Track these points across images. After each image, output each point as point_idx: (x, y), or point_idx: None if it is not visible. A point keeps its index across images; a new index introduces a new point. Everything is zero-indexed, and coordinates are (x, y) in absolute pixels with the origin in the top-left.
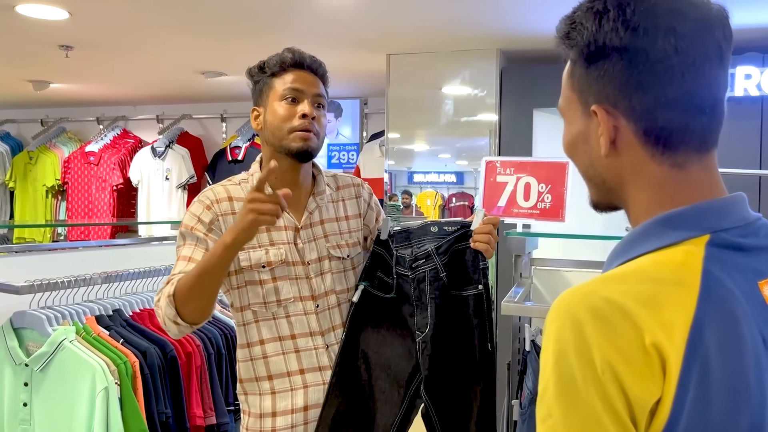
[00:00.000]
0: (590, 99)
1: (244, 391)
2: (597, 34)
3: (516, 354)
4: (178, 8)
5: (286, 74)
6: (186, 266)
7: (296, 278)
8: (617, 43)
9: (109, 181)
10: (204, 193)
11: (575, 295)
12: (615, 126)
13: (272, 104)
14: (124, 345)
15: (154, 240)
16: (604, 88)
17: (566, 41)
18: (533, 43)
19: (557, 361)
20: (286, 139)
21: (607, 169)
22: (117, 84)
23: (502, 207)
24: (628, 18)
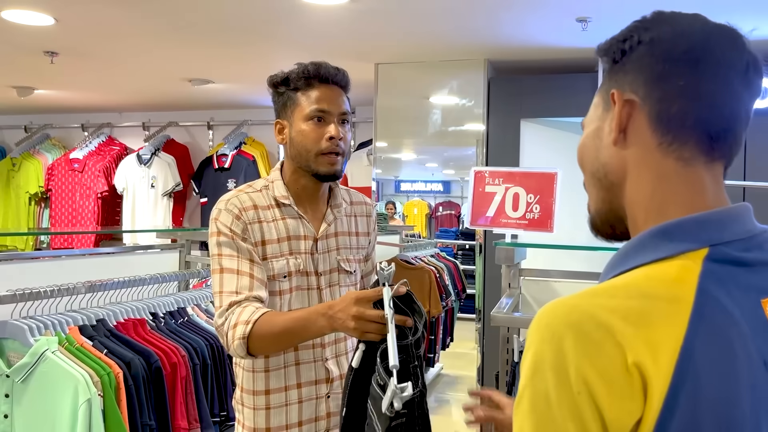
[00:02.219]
0: (611, 88)
1: (241, 402)
2: (631, 31)
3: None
4: (166, 16)
5: (311, 90)
6: (239, 281)
7: (308, 288)
8: (646, 37)
9: (94, 188)
10: (229, 201)
11: (559, 308)
12: (629, 113)
13: (298, 122)
14: (107, 356)
15: (139, 248)
16: (626, 76)
17: (607, 51)
18: (521, 54)
19: (533, 375)
20: (314, 162)
21: (611, 159)
22: (103, 91)
23: (490, 217)
24: (664, 19)
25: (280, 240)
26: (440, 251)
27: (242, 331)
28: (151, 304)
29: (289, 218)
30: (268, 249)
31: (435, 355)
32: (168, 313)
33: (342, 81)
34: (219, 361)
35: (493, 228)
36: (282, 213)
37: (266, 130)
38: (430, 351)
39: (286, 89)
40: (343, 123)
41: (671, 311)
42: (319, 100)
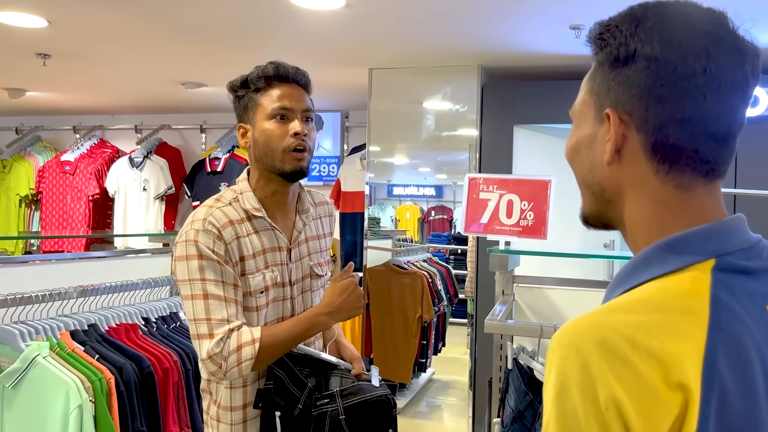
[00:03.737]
0: (606, 103)
1: (217, 418)
2: (630, 38)
3: (498, 372)
4: (159, 19)
5: (271, 89)
6: (228, 308)
7: (282, 299)
8: (648, 51)
9: (85, 191)
10: (206, 220)
11: (580, 325)
12: (624, 134)
13: (261, 122)
14: (99, 361)
15: (131, 252)
16: (623, 94)
17: (597, 41)
18: (514, 60)
19: (558, 396)
20: (280, 161)
21: (607, 178)
22: (95, 93)
23: (484, 224)
24: (666, 28)
25: (256, 255)
26: (432, 256)
27: (251, 351)
28: (143, 308)
29: (262, 230)
30: (246, 265)
31: (427, 360)
32: (160, 318)
33: (302, 80)
34: None
35: (486, 235)
36: (254, 226)
37: None
38: (422, 356)
39: (247, 92)
40: (306, 120)
41: (690, 323)
42: (281, 98)
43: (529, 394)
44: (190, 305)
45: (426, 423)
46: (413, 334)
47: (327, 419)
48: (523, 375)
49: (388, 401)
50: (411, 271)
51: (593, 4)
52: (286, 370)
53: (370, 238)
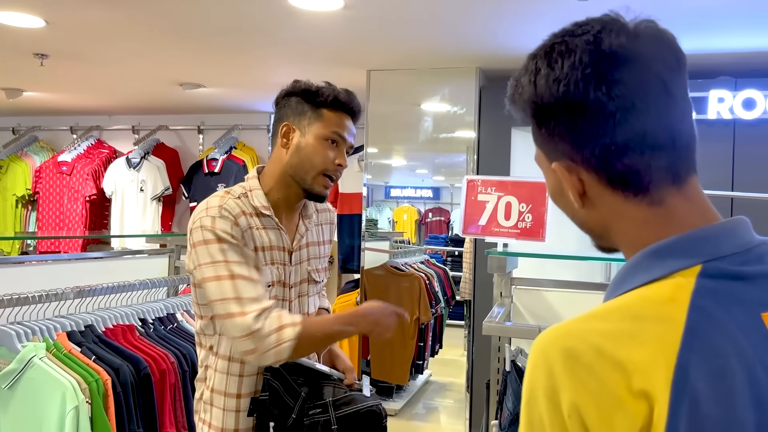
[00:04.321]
0: (551, 156)
1: (210, 402)
2: (534, 94)
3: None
4: (158, 20)
5: (335, 113)
6: (256, 288)
7: (282, 299)
8: (553, 101)
9: (82, 191)
10: (221, 207)
11: (554, 333)
12: (579, 179)
13: (311, 136)
14: (96, 362)
15: (128, 253)
16: (557, 145)
17: (513, 105)
18: (512, 63)
19: (528, 403)
20: (311, 179)
21: (588, 220)
22: (92, 93)
23: (482, 226)
24: (557, 74)
25: (264, 248)
26: (430, 258)
27: (292, 332)
28: (140, 309)
29: (269, 228)
30: (259, 256)
31: (424, 362)
32: (157, 319)
33: (359, 117)
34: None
35: (485, 237)
36: (262, 222)
37: (257, 135)
38: (419, 358)
39: (312, 100)
40: (347, 154)
41: (662, 331)
42: (341, 126)
43: None
44: (215, 286)
45: (423, 425)
46: (410, 336)
47: (319, 428)
48: (521, 377)
49: (379, 412)
50: (408, 272)
51: (590, 7)
52: (281, 380)
53: (367, 240)
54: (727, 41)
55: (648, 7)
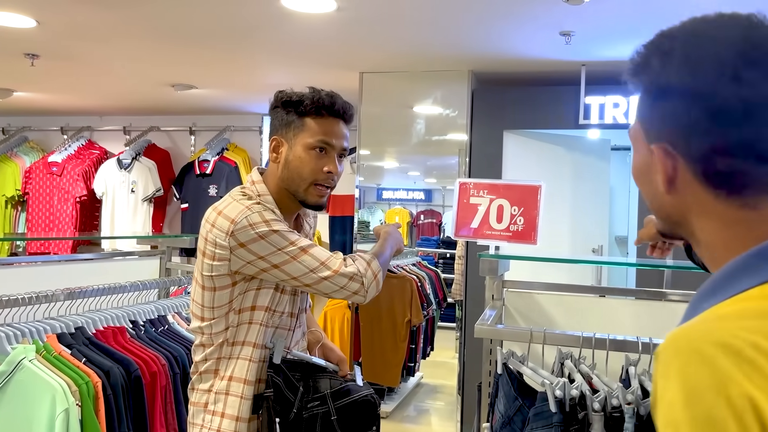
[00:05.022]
0: (652, 135)
1: (226, 391)
2: (662, 74)
3: (488, 376)
4: (150, 21)
5: (320, 119)
6: (325, 251)
7: (292, 294)
8: (679, 85)
9: (72, 192)
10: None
11: (692, 333)
12: (673, 166)
13: (298, 147)
14: (86, 364)
15: (119, 255)
16: (664, 128)
17: (633, 78)
18: (504, 66)
19: (688, 402)
20: (304, 191)
21: (668, 205)
22: (83, 94)
23: (474, 228)
24: (693, 60)
25: None
26: (421, 260)
27: (377, 265)
28: (131, 311)
29: None
30: None
31: (415, 365)
32: (148, 321)
33: (350, 117)
34: None
35: (477, 240)
36: None
37: (249, 137)
38: (411, 360)
39: (294, 110)
40: (340, 157)
41: None
42: (326, 133)
43: (518, 399)
44: (293, 265)
45: (414, 427)
46: (402, 338)
47: (318, 420)
48: (512, 380)
49: (373, 401)
50: (400, 275)
51: (583, 11)
52: (282, 375)
53: (359, 242)
54: None
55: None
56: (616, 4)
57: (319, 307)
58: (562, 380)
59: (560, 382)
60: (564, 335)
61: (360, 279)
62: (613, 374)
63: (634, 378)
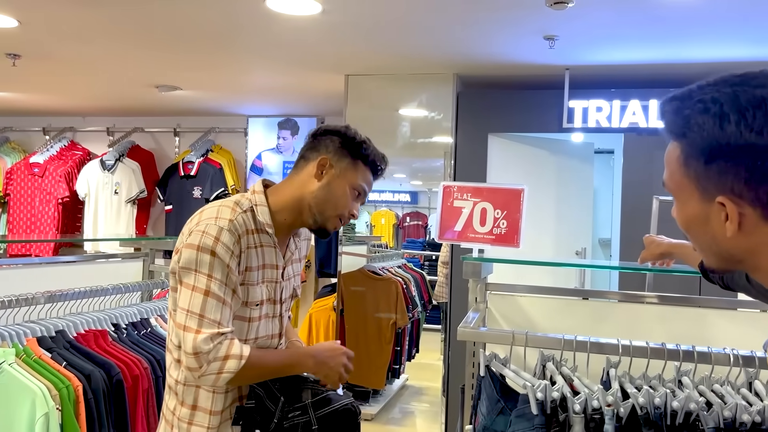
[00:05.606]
0: (710, 189)
1: (190, 420)
2: (720, 135)
3: (471, 379)
4: (134, 22)
5: (368, 170)
6: (224, 312)
7: (273, 316)
8: (742, 143)
9: (54, 193)
10: (233, 220)
11: None
12: (740, 213)
13: (342, 181)
14: (67, 368)
15: (101, 257)
16: (727, 182)
17: (682, 138)
18: (489, 70)
19: None
20: (326, 219)
21: (733, 247)
22: (66, 94)
23: (458, 231)
24: (749, 122)
25: (257, 267)
26: (407, 262)
27: (236, 365)
28: (113, 314)
29: (266, 246)
30: (250, 276)
31: (400, 367)
32: (130, 324)
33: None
34: None
35: (460, 242)
36: (261, 240)
37: (234, 138)
38: (396, 362)
39: (353, 149)
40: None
41: None
42: (369, 183)
43: (501, 401)
44: (188, 295)
45: (399, 429)
46: (387, 340)
47: (299, 430)
48: (495, 382)
49: (354, 410)
50: (385, 277)
51: (567, 16)
52: (264, 386)
53: (345, 244)
54: (698, 52)
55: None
56: (599, 10)
57: (304, 308)
58: (544, 382)
59: (542, 385)
60: (546, 338)
61: (202, 361)
62: (594, 376)
63: (615, 380)
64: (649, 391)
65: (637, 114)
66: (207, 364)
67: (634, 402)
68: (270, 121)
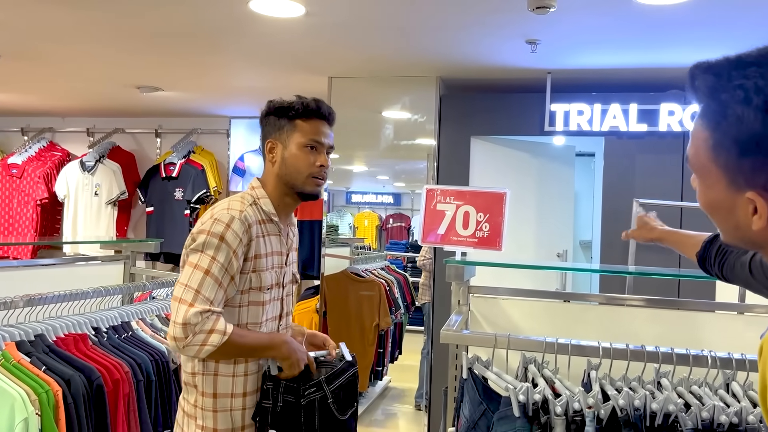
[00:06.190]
0: (741, 182)
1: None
2: (760, 129)
3: (453, 381)
4: (114, 21)
5: (308, 122)
6: (218, 293)
7: (277, 299)
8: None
9: (33, 195)
10: (242, 211)
11: None
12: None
13: (292, 147)
14: (46, 373)
15: (81, 260)
16: (761, 178)
17: (716, 126)
18: (472, 73)
19: None
20: (302, 183)
21: (756, 236)
22: (45, 94)
23: (441, 234)
24: None
25: (267, 255)
26: (390, 264)
27: (218, 340)
28: (94, 318)
29: (272, 234)
30: (260, 262)
31: (383, 368)
32: (111, 328)
33: (333, 119)
34: (164, 377)
35: (443, 245)
36: (268, 229)
37: (216, 140)
38: (379, 364)
39: (286, 115)
40: (327, 153)
41: None
42: (315, 132)
43: (483, 404)
44: (189, 272)
45: (382, 431)
46: (370, 342)
47: (316, 405)
48: (477, 384)
49: (355, 374)
50: (368, 279)
51: (549, 20)
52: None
53: (328, 246)
54: (678, 56)
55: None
56: (580, 15)
57: None
58: (526, 385)
59: (523, 387)
60: (527, 340)
61: (189, 332)
62: (576, 378)
63: (596, 382)
64: (629, 393)
65: (618, 117)
66: (192, 336)
67: (614, 404)
68: (253, 123)
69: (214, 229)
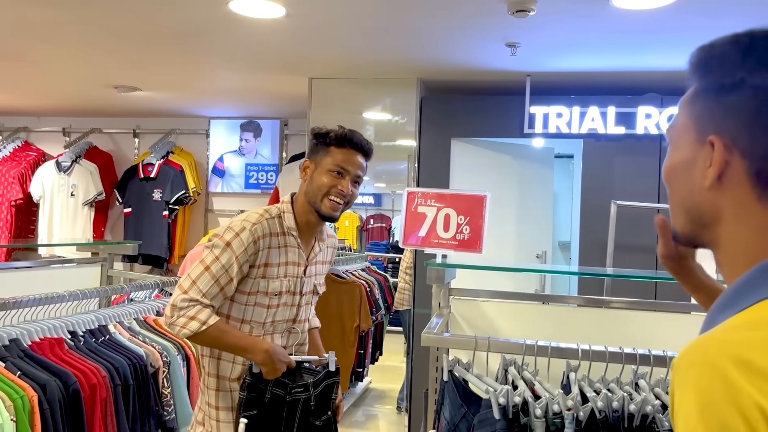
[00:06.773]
0: (709, 128)
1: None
2: (739, 67)
3: (434, 383)
4: (93, 21)
5: (341, 149)
6: (212, 288)
7: (292, 305)
8: (758, 81)
9: (7, 196)
10: (256, 223)
11: (708, 344)
12: (727, 161)
13: (322, 168)
14: (21, 378)
15: (57, 262)
16: (728, 121)
17: (700, 69)
18: (452, 75)
19: (703, 411)
20: (319, 203)
21: (705, 202)
22: (20, 93)
23: (422, 237)
24: None
25: (280, 264)
26: (371, 264)
27: (196, 327)
28: (70, 321)
29: (290, 247)
30: (269, 270)
31: (364, 369)
32: (88, 332)
33: (368, 151)
34: (142, 381)
35: (424, 248)
36: (286, 241)
37: (195, 140)
38: (359, 365)
39: (323, 140)
40: (355, 183)
41: None
42: (344, 161)
43: (463, 406)
44: (196, 265)
45: None
46: (351, 343)
47: (299, 404)
48: (458, 387)
49: (335, 383)
50: (349, 280)
51: (528, 24)
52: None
53: None
54: (654, 60)
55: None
56: (560, 18)
57: None
58: (506, 387)
59: (504, 389)
60: (507, 343)
61: (174, 312)
62: (555, 380)
63: (575, 384)
64: (607, 395)
65: (596, 120)
66: (176, 317)
67: (593, 406)
68: (232, 123)
69: (225, 235)
